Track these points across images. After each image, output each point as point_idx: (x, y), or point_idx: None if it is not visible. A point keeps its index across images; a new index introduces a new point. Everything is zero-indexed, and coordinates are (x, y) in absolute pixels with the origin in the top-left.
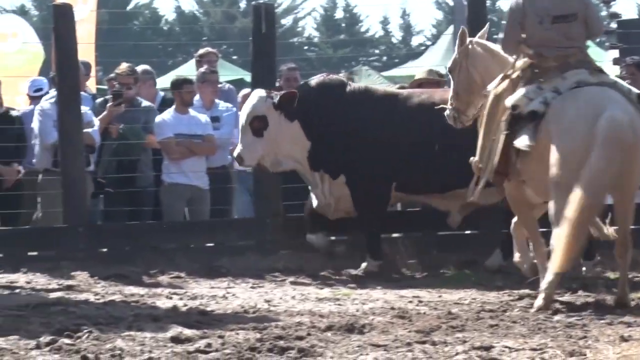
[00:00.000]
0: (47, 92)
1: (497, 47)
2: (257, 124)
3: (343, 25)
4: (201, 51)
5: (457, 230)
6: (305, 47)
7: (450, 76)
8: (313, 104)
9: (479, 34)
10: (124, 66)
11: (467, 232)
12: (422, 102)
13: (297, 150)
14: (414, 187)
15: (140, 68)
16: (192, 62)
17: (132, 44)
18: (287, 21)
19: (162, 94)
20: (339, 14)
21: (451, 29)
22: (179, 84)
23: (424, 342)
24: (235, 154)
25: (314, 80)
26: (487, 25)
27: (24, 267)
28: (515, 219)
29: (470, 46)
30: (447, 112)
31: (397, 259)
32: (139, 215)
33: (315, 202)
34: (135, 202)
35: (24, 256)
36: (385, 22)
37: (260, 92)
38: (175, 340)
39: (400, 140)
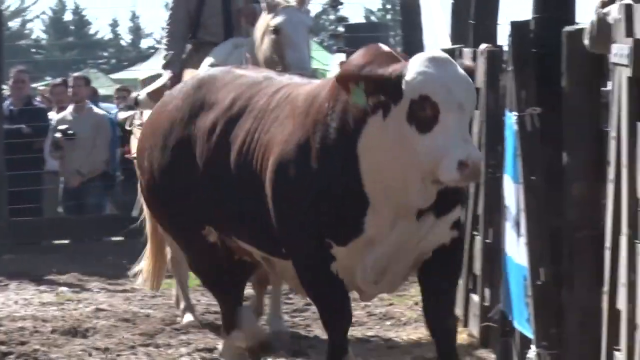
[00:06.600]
0: None
1: None
2: None
3: (72, 27)
4: None
5: None
6: (33, 50)
7: None
8: None
9: None
10: None
11: None
12: None
13: None
14: None
15: None
16: None
17: None
18: (15, 24)
19: None
20: (68, 16)
21: None
22: None
23: (147, 345)
24: None
25: None
26: None
27: None
28: None
29: None
30: None
31: None
32: None
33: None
34: None
35: None
36: (114, 24)
37: None
38: None
39: None
